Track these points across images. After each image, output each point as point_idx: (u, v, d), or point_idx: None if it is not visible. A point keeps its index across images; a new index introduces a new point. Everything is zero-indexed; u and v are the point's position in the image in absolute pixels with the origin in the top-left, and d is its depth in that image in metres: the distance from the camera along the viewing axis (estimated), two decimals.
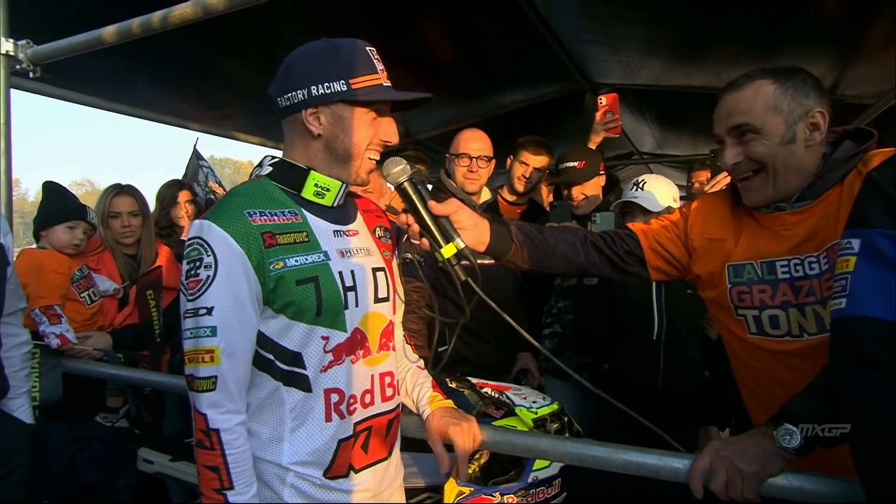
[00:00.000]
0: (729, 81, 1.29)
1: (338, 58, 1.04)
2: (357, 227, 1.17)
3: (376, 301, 1.14)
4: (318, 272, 1.04)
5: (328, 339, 1.05)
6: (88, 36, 1.76)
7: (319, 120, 1.06)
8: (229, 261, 0.97)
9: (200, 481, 1.00)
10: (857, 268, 0.88)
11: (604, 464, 1.15)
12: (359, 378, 1.10)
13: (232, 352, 0.99)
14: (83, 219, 2.13)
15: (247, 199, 1.04)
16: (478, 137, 2.20)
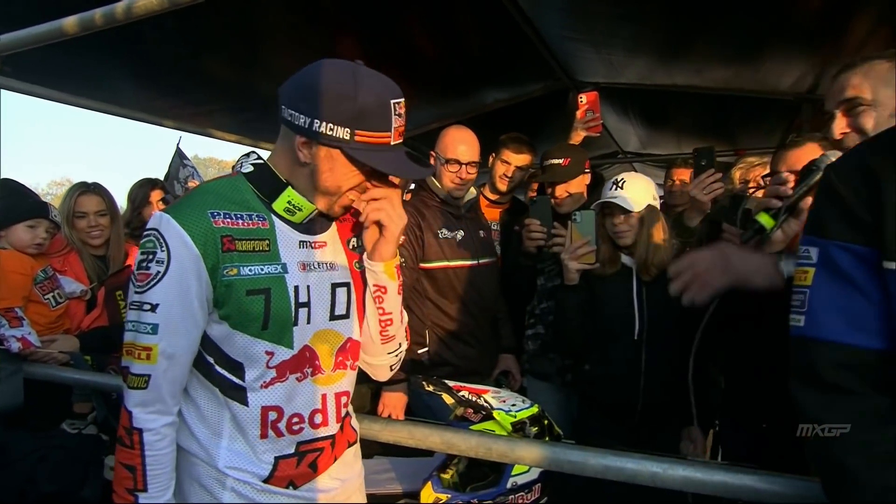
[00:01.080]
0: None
1: (354, 103, 0.98)
2: (327, 238, 1.12)
3: (332, 318, 1.09)
4: (272, 284, 1.00)
5: (273, 354, 1.01)
6: (49, 26, 1.69)
7: (311, 151, 1.02)
8: (183, 260, 0.94)
9: (115, 479, 0.97)
10: (815, 282, 0.83)
11: (580, 469, 1.12)
12: (305, 397, 1.05)
13: (171, 353, 0.96)
14: (45, 217, 2.05)
15: (213, 199, 1.00)
16: (467, 140, 2.15)
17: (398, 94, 1.02)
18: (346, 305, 1.11)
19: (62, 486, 1.64)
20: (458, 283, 2.12)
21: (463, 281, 2.13)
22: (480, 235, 2.24)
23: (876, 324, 0.77)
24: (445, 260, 2.10)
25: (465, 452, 1.22)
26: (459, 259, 2.13)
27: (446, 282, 2.11)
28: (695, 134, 4.77)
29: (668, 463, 1.08)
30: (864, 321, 0.78)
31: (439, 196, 2.16)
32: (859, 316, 0.79)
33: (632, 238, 1.87)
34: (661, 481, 1.07)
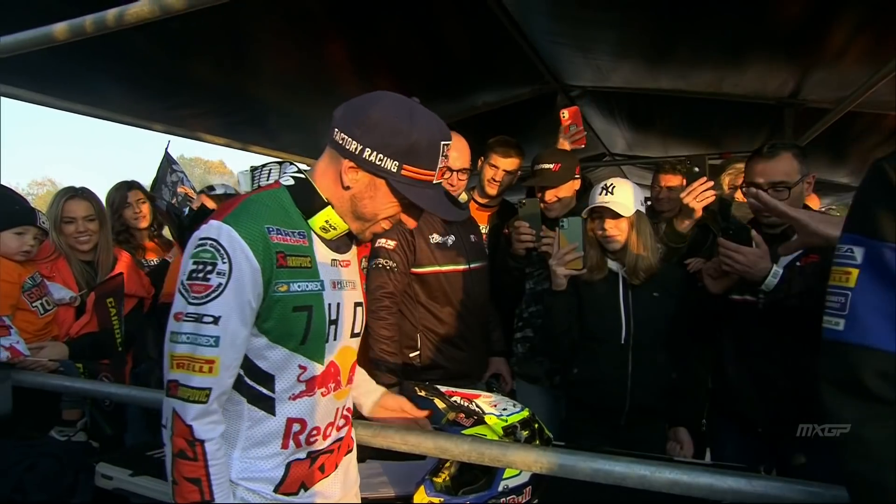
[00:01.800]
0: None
1: (408, 140, 1.00)
2: (349, 258, 1.16)
3: (352, 335, 1.13)
4: (314, 301, 1.03)
5: (306, 369, 1.03)
6: (38, 32, 1.67)
7: (356, 176, 1.04)
8: (244, 273, 0.94)
9: (177, 493, 0.96)
10: (860, 285, 0.76)
11: (571, 472, 1.14)
12: (325, 411, 1.09)
13: (228, 365, 0.97)
14: (33, 223, 2.02)
15: (267, 213, 1.01)
16: (458, 147, 2.15)
17: (448, 136, 1.06)
18: (362, 324, 1.17)
19: (52, 494, 1.63)
20: (449, 287, 2.14)
21: (454, 286, 2.15)
22: (472, 240, 2.25)
23: None
24: (437, 265, 2.12)
25: (457, 457, 1.24)
26: (451, 264, 2.15)
27: (437, 286, 2.13)
28: (681, 137, 4.84)
29: (657, 466, 1.10)
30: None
31: None
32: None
33: (621, 243, 1.89)
34: (649, 484, 1.09)
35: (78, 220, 2.20)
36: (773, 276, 1.58)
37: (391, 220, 1.11)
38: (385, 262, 2.03)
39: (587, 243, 1.90)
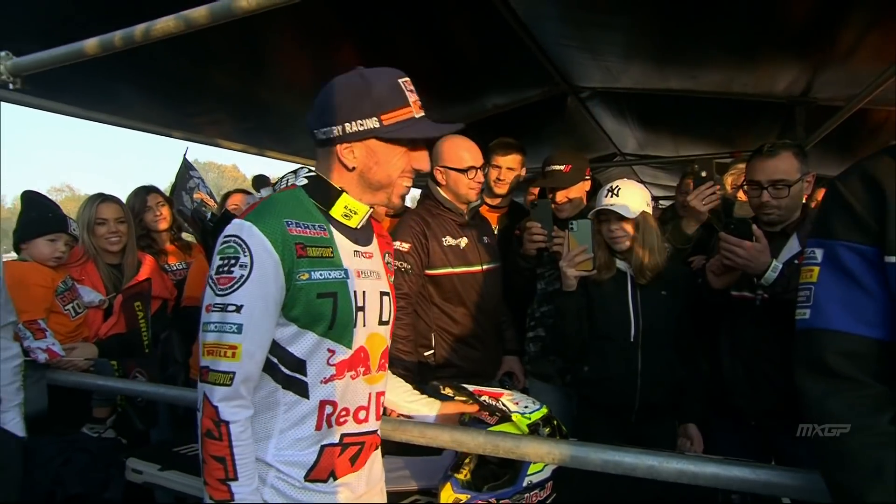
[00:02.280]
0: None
1: (370, 95, 1.08)
2: (372, 250, 1.22)
3: (380, 323, 1.19)
4: (338, 288, 1.09)
5: (334, 352, 1.10)
6: (70, 48, 1.76)
7: (354, 154, 1.11)
8: (265, 264, 1.02)
9: (205, 471, 1.03)
10: (821, 279, 0.90)
11: (582, 463, 1.19)
12: (356, 394, 1.14)
13: (252, 351, 1.04)
14: (64, 231, 2.12)
15: (285, 208, 1.09)
16: (472, 147, 2.21)
17: (402, 74, 1.13)
18: (389, 312, 1.22)
19: (87, 487, 1.72)
20: (462, 288, 2.19)
21: (467, 287, 2.20)
22: (485, 242, 2.30)
23: (877, 316, 0.84)
24: (450, 267, 2.17)
25: (473, 450, 1.29)
26: (464, 266, 2.20)
27: (451, 288, 2.18)
28: (692, 136, 4.84)
29: (664, 457, 1.15)
30: (867, 313, 0.85)
31: (444, 205, 2.23)
32: (862, 308, 0.86)
33: (627, 243, 1.93)
34: (657, 473, 1.14)
35: (109, 221, 2.30)
36: (772, 271, 1.63)
37: (407, 175, 1.16)
38: (400, 264, 2.09)
39: (596, 244, 1.94)
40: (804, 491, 1.04)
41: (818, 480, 0.99)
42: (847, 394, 0.84)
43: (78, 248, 2.28)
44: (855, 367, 0.84)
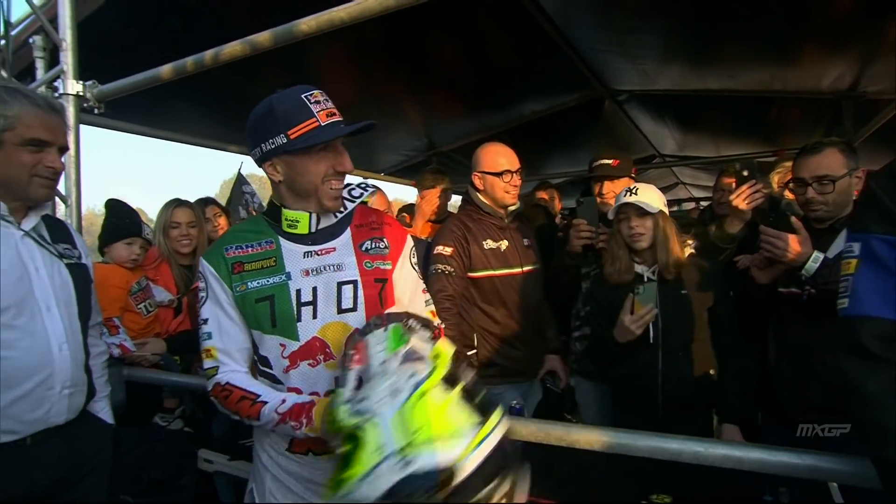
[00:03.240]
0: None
1: (275, 115, 1.20)
2: (336, 244, 1.31)
3: (340, 312, 1.27)
4: (275, 291, 1.24)
5: (285, 346, 1.24)
6: (147, 75, 1.94)
7: (277, 169, 1.24)
8: (212, 285, 1.27)
9: (244, 415, 1.23)
10: (859, 270, 0.98)
11: (630, 449, 1.25)
12: (320, 380, 1.25)
13: (225, 349, 1.28)
14: (139, 234, 2.31)
15: (231, 236, 1.32)
16: (509, 152, 2.28)
17: (307, 89, 1.22)
18: (353, 300, 1.28)
19: (166, 473, 1.87)
20: (503, 290, 2.25)
21: (507, 288, 2.26)
22: (524, 244, 2.36)
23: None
24: (491, 269, 2.24)
25: (524, 437, 1.36)
26: (504, 268, 2.26)
27: (492, 289, 2.25)
28: (732, 136, 4.77)
29: (710, 442, 1.19)
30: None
31: (483, 209, 2.31)
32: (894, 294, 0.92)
33: (647, 241, 1.94)
34: (703, 458, 1.18)
35: (182, 225, 2.49)
36: (813, 262, 1.63)
37: (334, 178, 1.25)
38: (443, 268, 2.17)
39: (616, 245, 1.98)
40: (852, 476, 1.06)
41: (866, 465, 1.02)
42: (886, 375, 0.90)
43: (154, 249, 2.47)
44: (891, 349, 0.90)
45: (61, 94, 2.02)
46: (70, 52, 2.04)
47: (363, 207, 1.39)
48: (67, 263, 1.43)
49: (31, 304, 1.32)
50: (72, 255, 1.47)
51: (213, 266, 1.26)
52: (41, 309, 1.34)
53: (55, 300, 1.37)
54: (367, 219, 1.38)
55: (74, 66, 2.04)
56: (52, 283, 1.37)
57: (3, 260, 1.28)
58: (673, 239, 1.94)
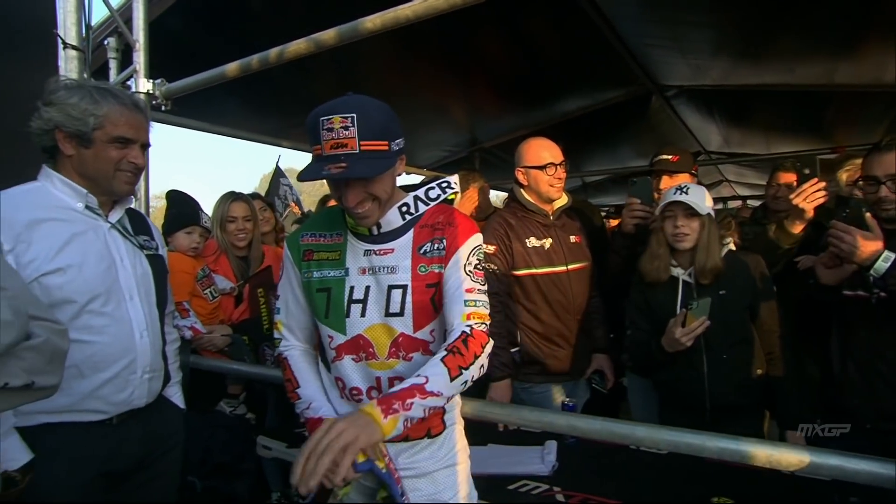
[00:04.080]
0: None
1: (307, 130, 1.20)
2: (395, 246, 1.29)
3: (387, 315, 1.27)
4: (333, 285, 1.28)
5: (333, 338, 1.28)
6: (214, 72, 2.00)
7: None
8: (287, 265, 1.35)
9: (288, 394, 1.34)
10: None
11: (699, 451, 1.23)
12: (362, 375, 1.28)
13: (289, 325, 1.37)
14: (197, 223, 2.40)
15: (313, 223, 1.37)
16: (551, 145, 2.26)
17: (333, 111, 1.11)
18: (401, 305, 1.27)
19: (230, 458, 1.95)
20: (546, 289, 2.23)
21: (551, 287, 2.24)
22: (571, 241, 2.31)
23: None
24: (533, 268, 2.22)
25: (587, 434, 1.36)
26: (547, 266, 2.23)
27: (534, 288, 2.23)
28: (785, 132, 4.63)
29: (784, 446, 1.17)
30: None
31: (528, 207, 2.30)
32: None
33: (691, 243, 1.90)
34: (776, 462, 1.16)
35: (238, 219, 2.57)
36: (883, 261, 1.55)
37: (351, 201, 1.18)
38: (487, 266, 2.17)
39: (657, 243, 1.95)
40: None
41: None
42: None
43: (212, 241, 2.56)
44: None
45: (133, 92, 2.11)
46: (142, 52, 2.12)
47: (437, 207, 1.34)
48: (147, 254, 1.50)
49: (117, 293, 1.39)
50: (150, 246, 1.54)
51: (290, 249, 1.33)
52: (125, 297, 1.41)
53: (137, 289, 1.44)
54: (435, 219, 1.32)
55: (146, 65, 2.13)
56: (134, 273, 1.44)
57: (93, 250, 1.36)
58: (715, 244, 1.90)
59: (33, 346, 0.92)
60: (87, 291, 1.33)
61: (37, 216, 1.27)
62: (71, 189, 1.38)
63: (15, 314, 0.86)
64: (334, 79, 3.20)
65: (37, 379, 0.91)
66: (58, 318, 1.03)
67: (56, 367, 0.98)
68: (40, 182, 1.39)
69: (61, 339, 1.00)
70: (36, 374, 0.91)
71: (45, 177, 1.39)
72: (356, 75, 3.22)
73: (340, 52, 2.81)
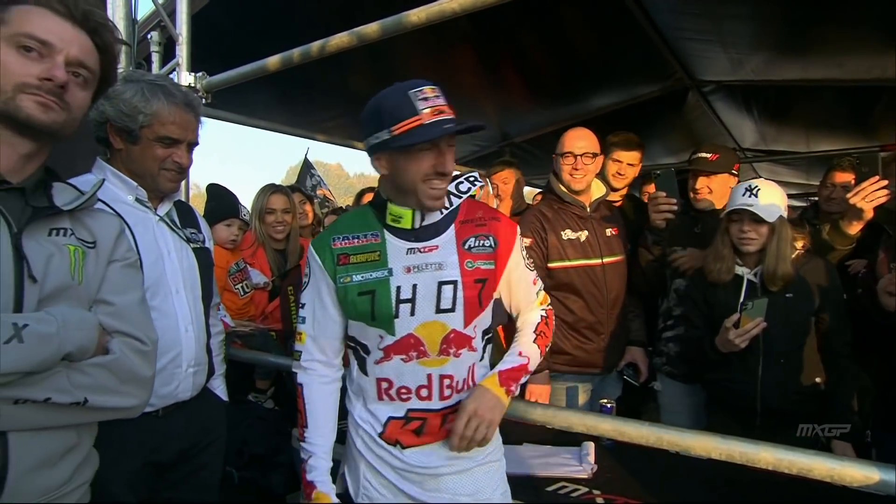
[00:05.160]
0: None
1: (381, 112, 1.19)
2: (439, 242, 1.29)
3: (438, 311, 1.27)
4: (377, 286, 1.25)
5: (382, 338, 1.26)
6: (255, 66, 2.00)
7: (382, 163, 1.26)
8: (315, 273, 1.31)
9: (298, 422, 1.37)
10: None
11: (752, 460, 1.19)
12: (411, 374, 1.27)
13: (315, 337, 1.34)
14: (236, 216, 2.42)
15: (341, 225, 1.34)
16: (582, 136, 2.24)
17: (417, 85, 1.18)
18: (452, 301, 1.28)
19: (266, 450, 1.96)
20: (579, 281, 2.21)
21: (584, 279, 2.22)
22: (607, 234, 2.28)
23: None
24: (567, 260, 2.21)
25: (635, 440, 1.33)
26: (582, 259, 2.21)
27: (566, 279, 2.21)
28: (827, 129, 4.47)
29: (848, 461, 1.12)
30: None
31: (564, 199, 2.28)
32: None
33: (757, 247, 1.83)
34: (839, 477, 1.11)
35: (277, 211, 2.58)
36: None
37: (435, 178, 1.21)
38: None
39: (721, 243, 1.88)
40: None
41: None
42: None
43: (249, 233, 2.58)
44: None
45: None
46: (185, 45, 2.14)
47: (470, 202, 1.37)
48: (194, 248, 1.51)
49: (164, 286, 1.41)
50: (197, 239, 1.55)
51: (319, 255, 1.29)
52: (171, 291, 1.42)
53: (183, 283, 1.45)
54: (474, 214, 1.35)
55: (188, 58, 2.14)
56: (180, 267, 1.45)
57: (142, 243, 1.37)
58: (786, 250, 1.80)
59: (101, 363, 0.91)
60: None
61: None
62: (122, 182, 1.39)
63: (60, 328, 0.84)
64: (368, 73, 3.19)
65: (93, 397, 0.88)
66: (147, 337, 1.01)
67: (133, 388, 0.96)
68: (94, 175, 1.40)
69: (140, 358, 0.98)
70: (97, 392, 0.89)
71: (99, 170, 1.41)
72: (390, 69, 3.21)
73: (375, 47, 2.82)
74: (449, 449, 1.27)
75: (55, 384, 0.84)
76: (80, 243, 0.97)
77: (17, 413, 0.82)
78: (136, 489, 1.36)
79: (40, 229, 0.92)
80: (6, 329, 0.78)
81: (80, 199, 0.99)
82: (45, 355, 0.82)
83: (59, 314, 0.86)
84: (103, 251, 1.01)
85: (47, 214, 0.93)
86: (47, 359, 0.82)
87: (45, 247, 0.91)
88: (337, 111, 3.43)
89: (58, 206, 0.95)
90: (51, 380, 0.84)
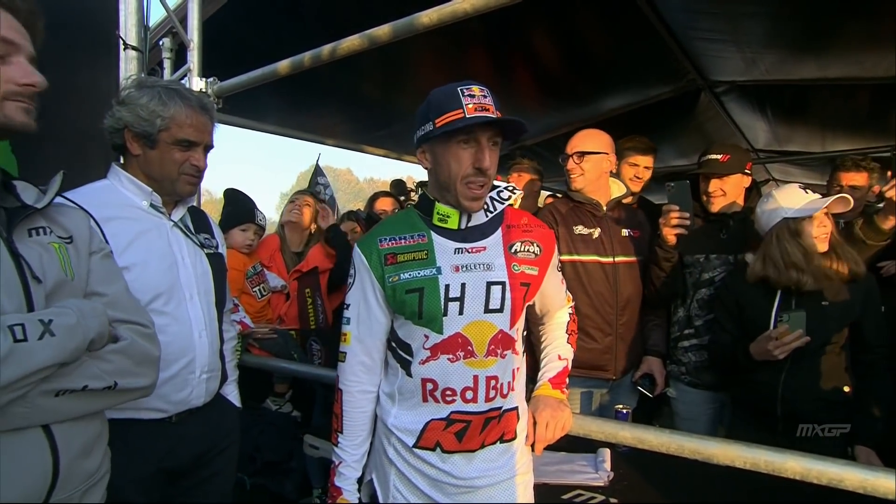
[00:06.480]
0: None
1: (429, 105, 1.22)
2: (486, 244, 1.30)
3: (486, 311, 1.27)
4: (425, 284, 1.24)
5: (428, 337, 1.25)
6: (265, 70, 2.00)
7: (426, 156, 1.28)
8: (361, 273, 1.30)
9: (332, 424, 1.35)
10: None
11: (779, 469, 1.16)
12: (457, 375, 1.25)
13: (360, 337, 1.32)
14: (252, 221, 2.43)
15: (385, 227, 1.35)
16: (578, 135, 2.24)
17: (470, 83, 1.21)
18: (501, 301, 1.28)
19: (278, 456, 1.95)
20: (586, 278, 2.17)
21: (593, 277, 2.18)
22: (622, 235, 2.24)
23: None
24: (576, 254, 2.18)
25: (656, 448, 1.30)
26: (593, 255, 2.18)
27: (575, 276, 2.17)
28: (844, 128, 4.40)
29: (879, 471, 1.08)
30: None
31: (575, 199, 2.26)
32: None
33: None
34: (872, 489, 1.08)
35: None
36: None
37: (472, 175, 1.21)
38: None
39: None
40: None
41: None
42: None
43: (274, 237, 2.61)
44: None
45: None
46: (196, 51, 2.14)
47: (512, 209, 1.39)
48: (207, 253, 1.50)
49: (178, 292, 1.40)
50: (211, 244, 1.54)
51: (365, 256, 1.29)
52: (185, 297, 1.42)
53: (196, 288, 1.44)
54: (518, 220, 1.38)
55: (199, 64, 2.15)
56: (194, 272, 1.45)
57: (156, 249, 1.36)
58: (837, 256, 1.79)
59: (118, 349, 0.95)
60: (150, 290, 1.34)
61: (106, 214, 1.27)
62: (137, 187, 1.39)
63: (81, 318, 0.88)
64: (379, 77, 3.18)
65: (121, 381, 0.93)
66: (146, 320, 1.05)
67: (146, 370, 1.00)
68: (109, 180, 1.41)
69: (148, 341, 1.02)
70: (121, 376, 0.94)
71: (114, 175, 1.41)
72: (401, 73, 3.20)
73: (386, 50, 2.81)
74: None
75: (88, 371, 0.89)
76: (60, 240, 0.98)
77: (60, 405, 0.87)
78: (149, 495, 1.35)
79: (21, 231, 0.93)
80: (35, 327, 0.82)
81: (49, 194, 0.98)
82: (76, 344, 0.86)
83: (73, 306, 0.89)
84: (81, 245, 1.02)
85: (27, 215, 0.93)
86: (79, 346, 0.86)
87: (32, 248, 0.92)
88: (347, 115, 3.44)
89: (33, 206, 0.95)
90: (82, 368, 0.88)
